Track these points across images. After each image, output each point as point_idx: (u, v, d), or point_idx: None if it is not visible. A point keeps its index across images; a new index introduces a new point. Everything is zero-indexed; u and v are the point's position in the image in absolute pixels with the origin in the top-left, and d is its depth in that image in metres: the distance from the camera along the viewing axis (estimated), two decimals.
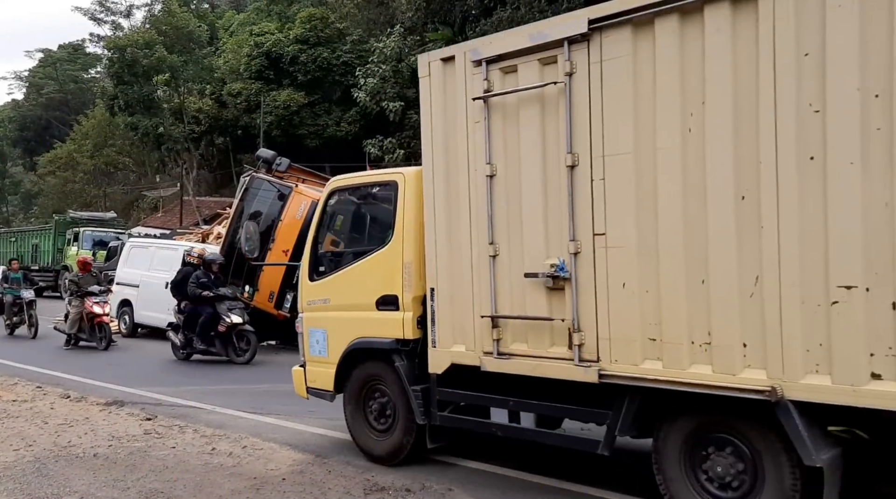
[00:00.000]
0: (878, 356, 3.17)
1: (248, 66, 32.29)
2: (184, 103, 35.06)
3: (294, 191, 11.80)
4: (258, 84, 32.40)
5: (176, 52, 33.32)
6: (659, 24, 3.67)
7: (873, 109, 3.13)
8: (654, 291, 3.77)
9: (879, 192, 3.13)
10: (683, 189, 3.66)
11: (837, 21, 3.18)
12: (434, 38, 28.84)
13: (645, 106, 3.75)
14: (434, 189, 4.60)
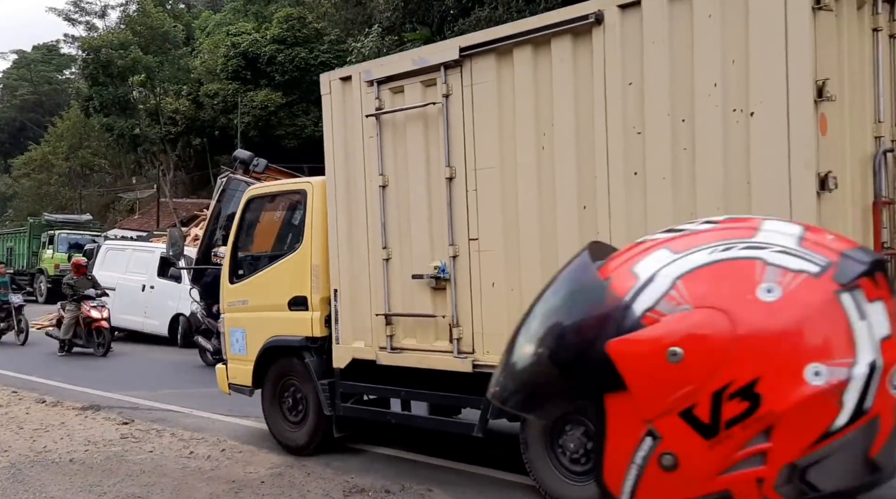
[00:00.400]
0: None
1: (224, 67, 32.65)
2: (160, 104, 35.50)
3: None
4: (235, 84, 32.76)
5: (151, 53, 33.76)
6: (517, 53, 4.27)
7: (681, 132, 3.74)
8: (517, 290, 4.37)
9: (686, 202, 3.75)
10: (539, 200, 4.27)
11: (652, 56, 3.79)
12: (412, 38, 29.39)
13: (507, 125, 4.36)
14: (336, 198, 5.20)
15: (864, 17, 3.85)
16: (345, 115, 5.12)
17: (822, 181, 3.36)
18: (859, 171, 3.78)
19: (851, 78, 3.74)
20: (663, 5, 3.70)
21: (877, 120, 3.90)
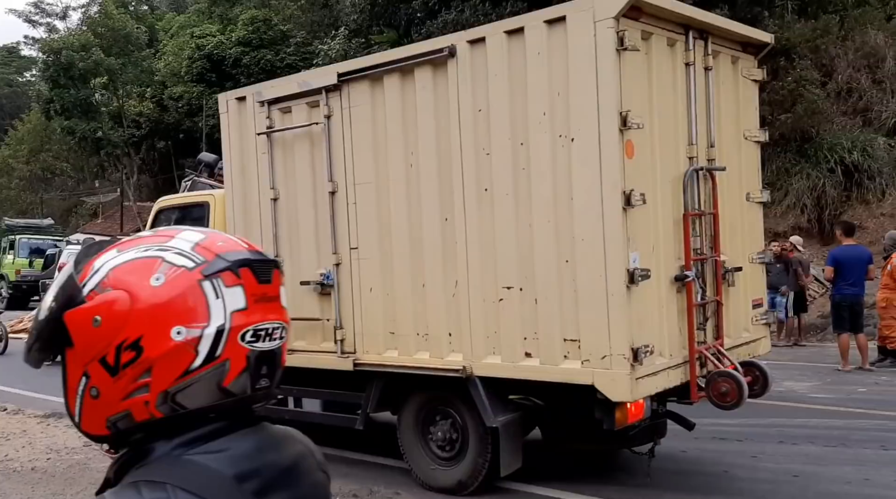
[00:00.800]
0: (529, 340, 4.38)
1: (189, 69, 33.02)
2: (123, 107, 35.71)
3: None
4: (200, 87, 33.11)
5: (114, 55, 34.04)
6: (386, 80, 4.85)
7: (520, 154, 4.34)
8: (391, 294, 4.93)
9: (525, 216, 4.34)
10: (408, 212, 4.84)
11: (495, 86, 4.38)
12: (379, 41, 29.96)
13: (380, 144, 4.93)
14: (234, 209, 5.75)
15: (676, 53, 4.49)
16: (241, 132, 5.66)
17: (627, 198, 3.96)
18: (671, 188, 4.40)
19: (665, 107, 4.37)
20: (503, 42, 4.31)
21: (690, 143, 4.54)
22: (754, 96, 5.29)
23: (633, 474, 5.24)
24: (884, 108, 21.96)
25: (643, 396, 4.15)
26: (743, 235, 5.09)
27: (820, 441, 6.06)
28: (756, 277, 5.27)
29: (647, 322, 4.13)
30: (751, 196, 5.19)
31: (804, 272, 12.55)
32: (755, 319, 5.19)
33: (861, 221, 19.76)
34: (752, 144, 5.23)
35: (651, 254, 4.20)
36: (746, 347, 5.07)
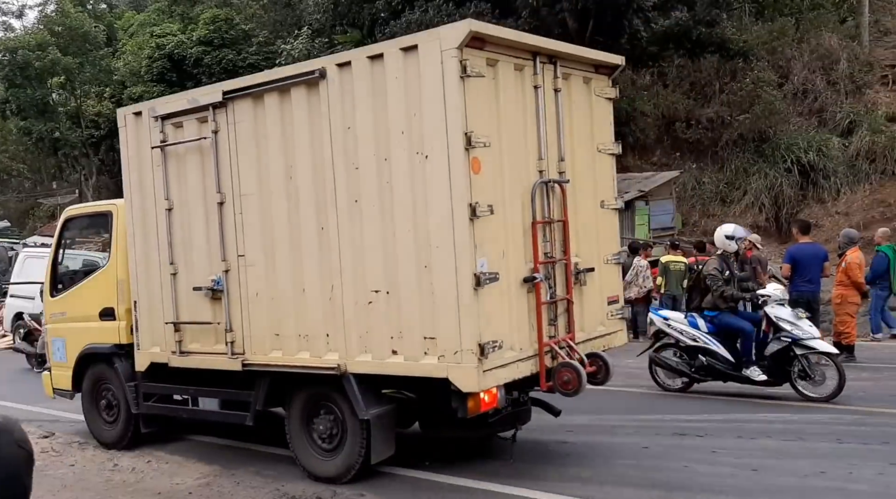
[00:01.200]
0: (395, 339, 5.02)
1: (149, 69, 33.11)
2: (81, 107, 35.63)
3: None
4: (160, 87, 33.14)
5: (71, 54, 34.06)
6: (267, 98, 5.49)
7: (384, 169, 4.99)
8: (275, 299, 5.55)
9: (390, 226, 5.00)
10: (288, 222, 5.47)
11: (361, 106, 5.05)
12: (343, 41, 30.30)
13: (262, 158, 5.56)
14: (133, 219, 6.35)
15: (525, 77, 5.18)
16: (138, 146, 6.25)
17: (472, 209, 4.63)
18: (521, 198, 5.09)
19: (514, 125, 5.07)
20: (367, 66, 4.96)
21: (539, 157, 5.25)
22: (608, 113, 6.00)
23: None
24: (838, 110, 22.70)
25: (491, 386, 4.77)
26: (598, 238, 5.84)
27: (777, 435, 6.39)
28: (612, 277, 6.02)
29: (495, 320, 4.79)
30: (605, 204, 5.93)
31: (762, 270, 12.98)
32: (611, 315, 5.94)
33: (817, 219, 20.45)
34: (606, 156, 5.96)
35: (502, 259, 4.88)
36: (602, 340, 5.83)
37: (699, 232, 21.31)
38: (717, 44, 20.57)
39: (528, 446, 6.24)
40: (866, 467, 5.40)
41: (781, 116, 22.82)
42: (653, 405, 7.92)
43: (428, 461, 5.81)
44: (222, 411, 6.20)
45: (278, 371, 5.50)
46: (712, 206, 22.62)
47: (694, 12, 19.92)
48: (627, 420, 7.16)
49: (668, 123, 24.85)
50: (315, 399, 5.50)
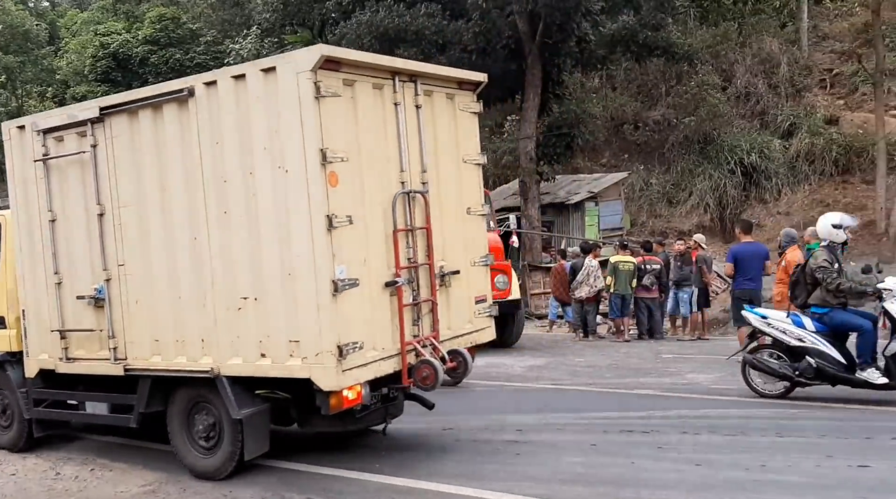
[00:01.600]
0: (264, 342, 5.27)
1: (93, 68, 32.44)
2: (22, 106, 34.51)
3: None
4: (105, 87, 32.51)
5: (12, 53, 32.93)
6: (141, 114, 5.70)
7: (250, 182, 5.21)
8: (153, 306, 5.76)
9: (256, 236, 5.22)
10: (163, 233, 5.66)
11: (228, 122, 5.25)
12: (293, 41, 29.95)
13: (139, 171, 5.75)
14: (19, 230, 6.49)
15: (385, 95, 5.47)
16: (23, 158, 6.38)
17: (329, 220, 4.89)
18: (382, 208, 5.38)
19: (375, 140, 5.35)
20: (231, 85, 5.23)
21: (401, 170, 5.55)
22: (474, 126, 6.37)
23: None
24: (779, 112, 23.24)
25: (350, 384, 5.06)
26: (465, 243, 6.18)
27: (721, 430, 6.52)
28: (479, 278, 6.36)
29: (355, 323, 5.07)
30: (471, 210, 6.27)
31: (707, 269, 13.15)
32: (478, 313, 6.28)
33: (759, 219, 20.94)
34: (472, 166, 6.32)
35: (363, 265, 5.17)
36: (469, 337, 6.19)
37: (647, 232, 21.63)
38: (663, 47, 20.88)
39: (477, 445, 6.33)
40: (805, 460, 5.56)
41: (725, 119, 23.33)
42: (600, 403, 7.95)
43: (378, 464, 5.87)
44: (110, 414, 6.33)
45: (158, 375, 5.75)
46: (659, 206, 23.01)
47: (640, 16, 20.15)
48: (576, 418, 7.26)
49: (617, 126, 25.21)
50: (194, 401, 5.74)
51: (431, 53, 19.48)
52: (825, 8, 26.13)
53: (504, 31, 19.66)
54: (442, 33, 19.43)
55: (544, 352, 12.12)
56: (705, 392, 8.23)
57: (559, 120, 20.77)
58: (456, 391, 8.97)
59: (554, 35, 19.33)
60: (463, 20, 19.61)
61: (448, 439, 6.53)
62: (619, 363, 10.69)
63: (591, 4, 18.56)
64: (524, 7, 18.53)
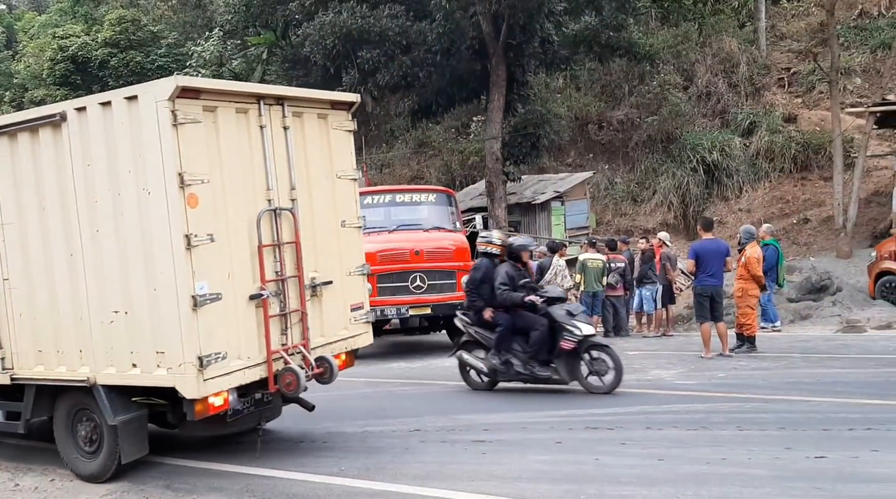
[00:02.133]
0: (134, 353, 5.59)
1: (52, 72, 31.94)
2: None
3: None
4: (64, 90, 32.01)
5: None
6: (20, 136, 5.99)
7: (118, 203, 5.51)
8: (37, 318, 6.06)
9: (125, 253, 5.51)
10: (43, 249, 5.96)
11: (97, 145, 5.56)
12: (256, 43, 29.72)
13: (20, 190, 5.99)
14: None
15: (250, 118, 5.80)
16: None
17: (188, 239, 5.21)
18: (247, 226, 5.68)
19: (240, 162, 5.66)
20: (100, 111, 5.55)
21: (268, 188, 5.86)
22: (348, 143, 6.65)
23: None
24: (739, 111, 23.58)
25: (212, 392, 5.39)
26: (341, 254, 6.54)
27: (683, 425, 6.62)
28: (355, 287, 6.69)
29: (218, 334, 5.39)
30: (346, 222, 6.62)
31: (671, 266, 13.31)
32: (354, 320, 6.64)
33: (721, 216, 21.27)
34: (347, 181, 6.63)
35: (227, 280, 5.49)
36: (345, 342, 6.56)
37: (613, 231, 21.86)
38: (625, 48, 21.14)
39: (444, 446, 6.40)
40: (764, 452, 5.67)
41: (687, 118, 23.65)
42: (566, 401, 8.01)
43: (342, 467, 5.88)
44: (5, 421, 6.56)
45: (41, 384, 6.07)
46: (624, 205, 23.26)
47: (602, 17, 20.36)
48: (541, 416, 7.33)
49: (582, 125, 25.43)
50: (76, 408, 6.07)
51: (395, 54, 19.48)
52: (782, 8, 26.62)
53: (468, 32, 19.74)
54: (406, 34, 19.44)
55: None
56: (669, 388, 8.37)
57: (524, 120, 20.92)
58: (424, 393, 8.99)
59: (517, 36, 19.47)
60: (427, 21, 19.63)
61: (415, 441, 6.58)
62: None
63: (554, 5, 18.74)
64: (487, 8, 18.64)
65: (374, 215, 12.72)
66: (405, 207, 12.87)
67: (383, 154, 27.59)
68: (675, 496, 4.77)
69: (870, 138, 18.40)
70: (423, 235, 12.17)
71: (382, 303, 11.40)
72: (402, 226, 12.37)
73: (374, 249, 11.59)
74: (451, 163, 25.84)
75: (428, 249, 11.77)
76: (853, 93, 22.32)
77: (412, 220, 12.59)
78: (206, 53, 28.56)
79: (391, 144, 27.97)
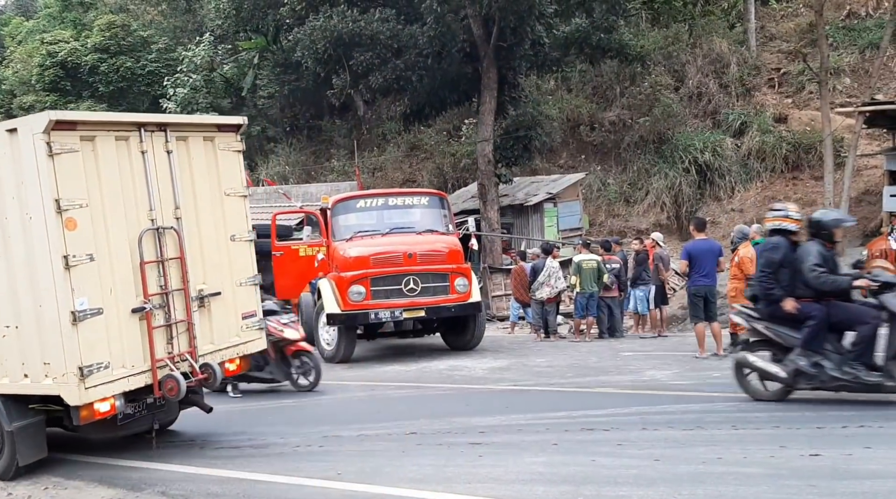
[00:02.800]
0: (26, 364, 6.02)
1: (40, 77, 31.80)
2: None
3: None
4: (53, 96, 31.84)
5: None
6: None
7: (6, 226, 5.92)
8: None
9: (12, 271, 5.95)
10: None
11: None
12: (248, 48, 29.72)
13: None
14: None
15: (131, 145, 6.21)
16: None
17: (66, 260, 5.61)
18: (129, 244, 6.10)
19: (121, 186, 6.08)
20: None
21: (150, 209, 6.29)
22: (237, 162, 7.09)
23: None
24: (730, 111, 23.67)
25: (96, 399, 5.80)
26: (231, 266, 6.95)
27: (679, 425, 6.63)
28: (247, 296, 7.11)
29: (100, 346, 5.82)
30: (236, 237, 7.04)
31: (664, 267, 13.35)
32: (246, 327, 7.09)
33: (714, 216, 21.34)
34: (236, 198, 7.06)
35: (109, 295, 5.92)
36: (236, 349, 7.01)
37: (606, 232, 21.90)
38: (616, 49, 21.20)
39: (440, 449, 6.41)
40: (759, 450, 5.71)
41: (678, 118, 23.73)
42: (562, 403, 8.04)
43: (339, 471, 5.87)
44: None
45: None
46: (617, 206, 23.31)
47: (593, 19, 20.43)
48: (538, 418, 7.34)
49: (574, 127, 25.47)
50: None
51: (386, 58, 19.50)
52: (772, 9, 26.77)
53: (459, 35, 19.77)
54: (397, 37, 19.46)
55: (506, 354, 12.28)
56: (664, 388, 8.40)
57: (516, 122, 20.96)
58: (419, 396, 9.01)
59: (508, 38, 19.50)
60: (417, 24, 19.65)
61: (411, 444, 6.59)
62: (579, 363, 10.87)
63: (545, 7, 18.78)
64: (478, 11, 18.68)
65: (366, 219, 12.78)
66: (398, 210, 12.88)
67: (375, 157, 27.57)
68: (672, 496, 4.78)
69: (859, 138, 18.50)
70: (417, 238, 12.17)
71: (376, 306, 11.42)
72: (395, 229, 12.39)
73: (368, 252, 11.64)
74: (443, 166, 25.84)
75: (421, 251, 11.77)
76: (843, 93, 22.46)
77: (405, 223, 12.59)
78: (196, 58, 28.51)
79: (383, 147, 27.95)
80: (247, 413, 8.71)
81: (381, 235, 12.22)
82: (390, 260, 11.64)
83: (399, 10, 20.32)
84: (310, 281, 13.34)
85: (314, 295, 12.92)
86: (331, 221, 12.51)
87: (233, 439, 7.20)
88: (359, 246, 11.89)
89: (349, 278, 11.44)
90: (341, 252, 11.93)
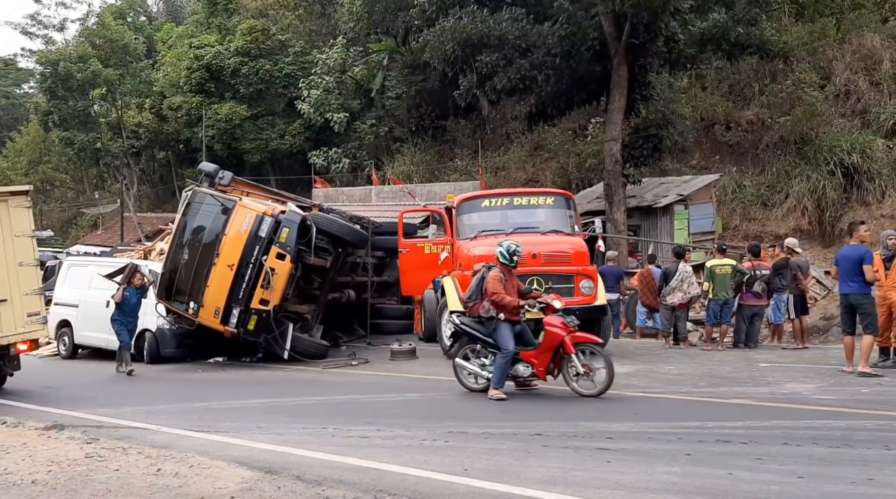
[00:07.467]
0: None
1: (188, 80, 33.92)
2: (122, 117, 36.39)
3: (238, 204, 13.03)
4: (199, 97, 33.90)
5: (112, 66, 34.91)
6: None
7: None
8: None
9: None
10: None
11: None
12: (378, 49, 30.59)
13: None
14: None
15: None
16: None
17: None
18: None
19: None
20: None
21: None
22: (27, 214, 10.74)
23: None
24: (882, 110, 22.06)
25: None
26: (20, 283, 10.54)
27: (824, 442, 6.31)
28: (32, 302, 10.65)
29: None
30: (23, 263, 10.59)
31: (803, 274, 12.66)
32: (31, 322, 10.64)
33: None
34: (24, 238, 10.68)
35: None
36: (22, 335, 10.58)
37: (740, 236, 20.96)
38: (757, 45, 20.17)
39: (566, 452, 6.28)
40: None
41: (823, 118, 22.34)
42: (694, 412, 7.73)
43: (466, 467, 5.82)
44: None
45: None
46: (753, 209, 22.22)
47: (732, 13, 19.53)
48: (669, 427, 7.13)
49: (707, 126, 24.50)
50: None
51: (513, 58, 19.50)
52: None
53: (589, 33, 19.47)
54: (525, 37, 19.42)
55: (633, 359, 11.95)
56: (806, 402, 7.94)
57: (646, 121, 20.43)
58: (542, 397, 8.93)
59: (641, 35, 19.03)
60: (547, 23, 19.51)
61: (536, 445, 6.52)
62: (712, 372, 10.46)
63: (681, 3, 18.15)
64: (610, 8, 18.30)
65: (491, 218, 12.79)
66: (523, 209, 12.81)
67: (498, 157, 27.65)
68: None
69: None
70: (541, 239, 12.05)
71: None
72: (520, 229, 12.32)
73: (491, 251, 11.62)
74: (567, 165, 25.55)
75: (545, 252, 11.65)
76: None
77: (529, 223, 12.48)
78: (329, 61, 29.64)
79: (506, 147, 27.99)
80: (376, 405, 8.99)
81: (504, 235, 12.20)
82: None
83: (528, 9, 20.25)
84: (433, 279, 13.55)
85: (437, 293, 13.09)
86: (455, 219, 12.64)
87: (363, 429, 7.42)
88: (482, 245, 11.90)
89: (472, 277, 11.50)
90: (465, 251, 12.02)
